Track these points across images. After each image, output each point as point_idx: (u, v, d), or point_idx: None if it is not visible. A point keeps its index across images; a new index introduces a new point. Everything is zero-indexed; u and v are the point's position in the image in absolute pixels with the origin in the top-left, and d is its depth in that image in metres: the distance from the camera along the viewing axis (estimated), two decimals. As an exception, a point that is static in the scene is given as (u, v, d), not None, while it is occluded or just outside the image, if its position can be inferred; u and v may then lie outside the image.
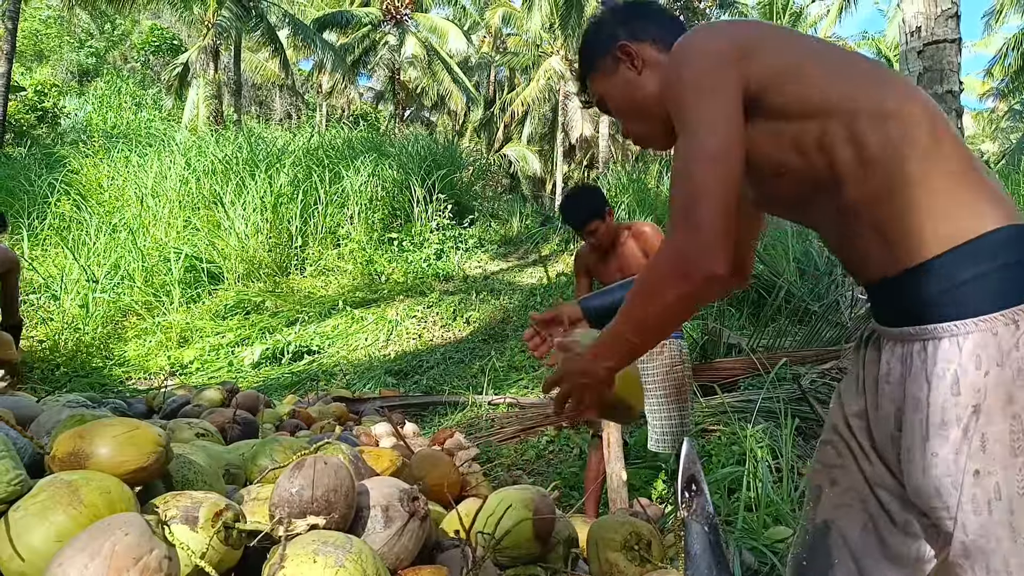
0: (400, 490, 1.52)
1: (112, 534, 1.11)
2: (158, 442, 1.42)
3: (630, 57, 1.26)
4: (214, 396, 3.63)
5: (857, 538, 1.08)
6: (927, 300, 0.94)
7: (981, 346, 0.89)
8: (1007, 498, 0.89)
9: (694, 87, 1.03)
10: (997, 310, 0.89)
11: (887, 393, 1.01)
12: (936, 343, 0.93)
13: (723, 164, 0.99)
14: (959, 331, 0.90)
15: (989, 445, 0.89)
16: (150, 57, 28.77)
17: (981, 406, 0.89)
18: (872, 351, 1.07)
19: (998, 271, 0.90)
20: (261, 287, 10.04)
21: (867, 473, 1.08)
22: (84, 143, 12.56)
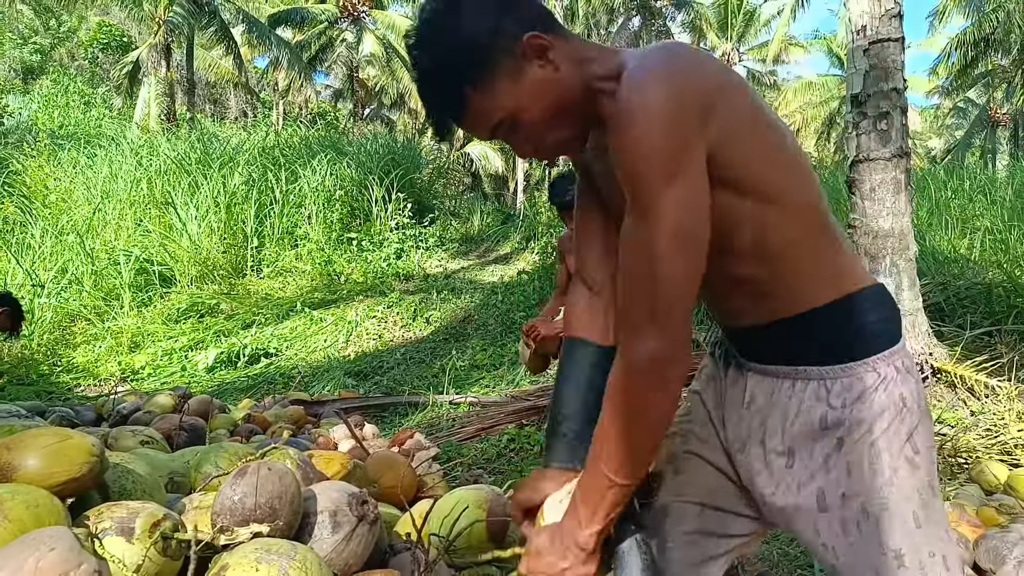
0: (349, 494, 1.49)
1: (36, 549, 1.06)
2: (91, 452, 1.37)
3: (544, 51, 0.99)
4: (166, 402, 3.55)
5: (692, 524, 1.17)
6: (800, 347, 1.03)
7: (847, 389, 1.00)
8: (873, 517, 0.99)
9: (661, 161, 0.88)
10: (860, 359, 1.00)
11: (746, 419, 1.10)
12: (805, 383, 1.03)
13: (692, 251, 0.91)
14: (827, 375, 1.01)
15: (853, 470, 0.99)
16: (99, 54, 27.92)
17: (845, 438, 1.00)
18: (734, 373, 1.14)
19: (861, 327, 1.02)
20: (215, 289, 9.82)
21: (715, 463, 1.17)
22: (29, 143, 12.12)
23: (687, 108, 0.90)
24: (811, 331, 1.03)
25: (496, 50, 0.98)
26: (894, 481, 0.99)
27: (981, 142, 25.71)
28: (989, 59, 22.40)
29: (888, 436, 0.99)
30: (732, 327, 1.13)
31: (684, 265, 0.90)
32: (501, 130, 1.04)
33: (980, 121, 25.80)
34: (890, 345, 1.02)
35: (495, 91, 0.99)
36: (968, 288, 5.25)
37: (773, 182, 0.99)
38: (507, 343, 7.69)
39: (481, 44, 0.97)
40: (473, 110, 1.01)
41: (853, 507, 0.99)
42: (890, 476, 0.99)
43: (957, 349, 4.33)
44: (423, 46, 1.01)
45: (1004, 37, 20.76)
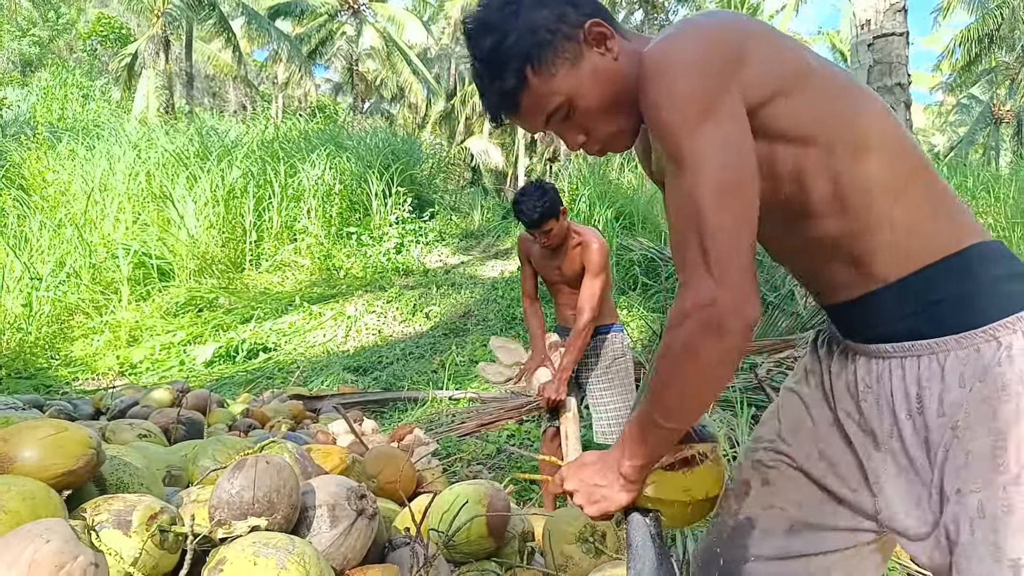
0: (348, 488, 1.48)
1: (32, 541, 1.05)
2: (88, 444, 1.36)
3: (604, 39, 1.00)
4: (164, 396, 3.53)
5: (780, 540, 1.08)
6: (903, 317, 0.93)
7: (963, 363, 0.88)
8: (990, 517, 0.86)
9: (695, 108, 0.86)
10: (977, 327, 0.88)
11: (864, 410, 0.99)
12: (915, 360, 0.92)
13: (739, 198, 0.86)
14: (938, 348, 0.90)
15: (972, 463, 0.87)
16: (97, 47, 27.85)
17: (963, 423, 0.88)
18: (839, 363, 1.05)
19: (975, 288, 0.90)
20: (214, 283, 9.80)
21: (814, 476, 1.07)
22: (27, 136, 12.08)
23: (711, 56, 0.88)
24: (919, 296, 0.92)
25: (559, 34, 0.98)
26: (1021, 479, 0.85)
27: (984, 139, 25.69)
28: (993, 55, 22.38)
29: (1018, 422, 0.85)
30: (832, 304, 1.04)
31: (732, 210, 0.85)
32: (556, 118, 1.02)
33: (983, 118, 25.77)
34: (1015, 310, 0.87)
35: (556, 75, 0.98)
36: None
37: (838, 126, 0.92)
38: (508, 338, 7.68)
39: (545, 27, 0.97)
40: (532, 93, 1.00)
41: (970, 504, 0.87)
42: (1016, 473, 0.85)
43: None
44: (486, 28, 1.00)
45: (1008, 33, 20.73)
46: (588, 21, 0.99)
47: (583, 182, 12.62)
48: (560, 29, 0.98)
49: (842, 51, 29.59)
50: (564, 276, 2.99)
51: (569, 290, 3.02)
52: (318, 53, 25.18)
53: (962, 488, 0.88)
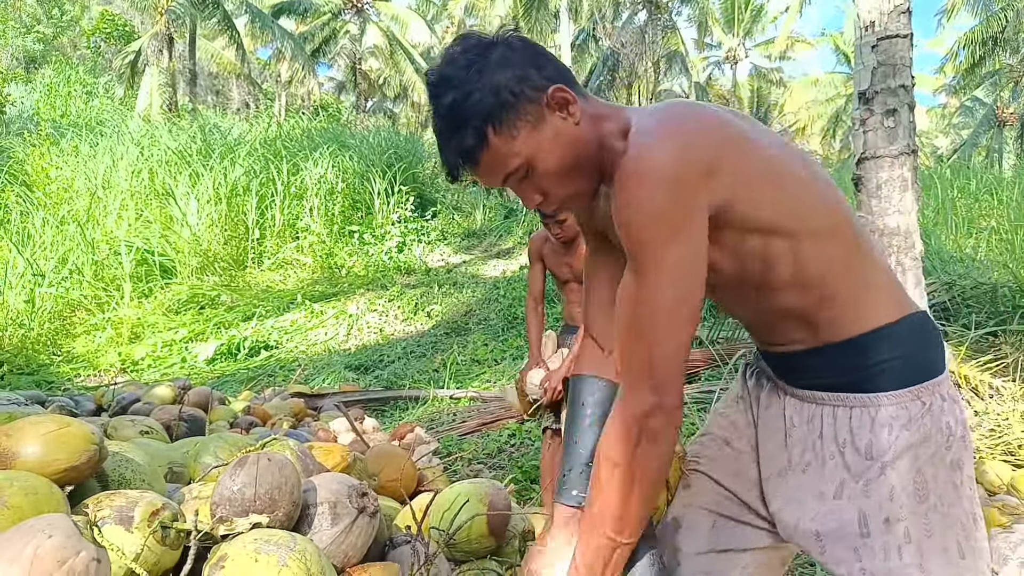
0: (349, 486, 1.48)
1: (35, 537, 1.05)
2: (90, 440, 1.36)
3: (566, 104, 1.02)
4: (165, 393, 3.53)
5: (704, 536, 1.17)
6: (844, 372, 1.03)
7: (892, 417, 1.00)
8: (916, 541, 0.98)
9: (664, 224, 0.91)
10: (905, 387, 1.00)
11: (784, 444, 1.10)
12: (848, 410, 1.03)
13: (687, 309, 0.94)
14: (871, 403, 1.01)
15: (896, 495, 0.99)
16: (101, 44, 27.87)
17: (889, 464, 0.99)
18: (768, 397, 1.15)
19: (906, 354, 1.02)
20: (216, 281, 9.82)
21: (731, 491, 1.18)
22: (30, 132, 12.10)
23: (689, 171, 0.93)
24: (857, 357, 1.02)
25: (522, 96, 1.00)
26: (939, 508, 0.99)
27: (988, 141, 25.63)
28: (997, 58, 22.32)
29: (934, 463, 1.00)
30: (774, 352, 1.13)
31: (683, 324, 0.94)
32: (514, 178, 1.05)
33: (987, 120, 25.71)
34: (935, 374, 1.03)
35: (516, 136, 1.00)
36: (973, 288, 5.23)
37: (802, 217, 1.01)
38: (508, 338, 7.68)
39: (509, 88, 0.99)
40: (492, 153, 1.01)
41: (897, 532, 0.99)
42: (935, 502, 0.99)
43: (962, 349, 4.31)
44: (449, 84, 1.01)
45: (1013, 36, 20.69)
46: (551, 86, 1.01)
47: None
48: (523, 92, 1.00)
49: (846, 53, 29.57)
50: (575, 272, 3.02)
51: (579, 286, 3.05)
52: (321, 51, 25.18)
53: (890, 518, 0.99)
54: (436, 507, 1.74)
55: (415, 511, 1.65)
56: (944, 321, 4.85)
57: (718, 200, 0.95)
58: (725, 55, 30.63)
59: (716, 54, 32.39)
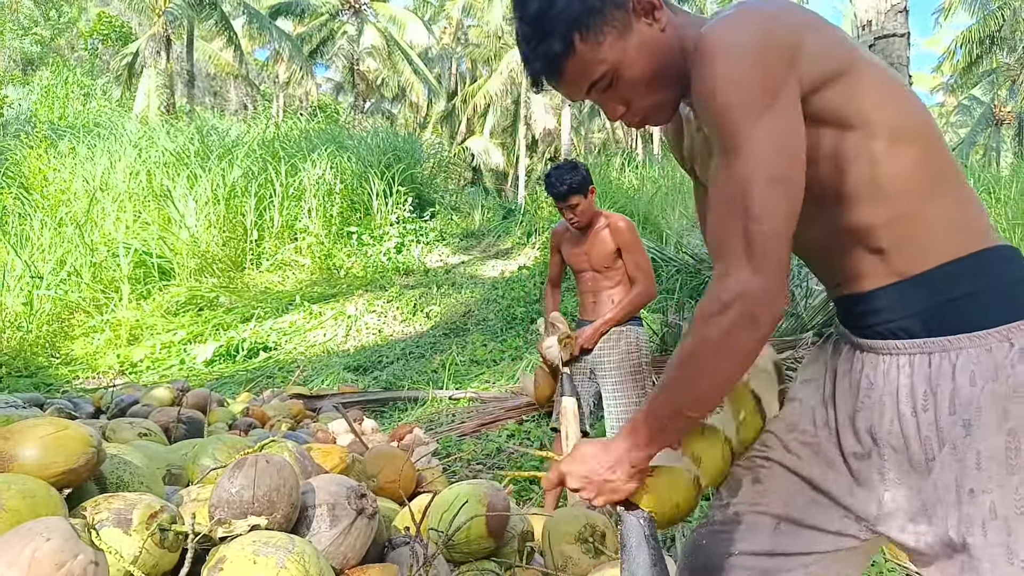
0: (348, 488, 1.48)
1: (33, 539, 1.05)
2: (88, 443, 1.36)
3: (652, 9, 0.99)
4: (164, 395, 3.54)
5: (765, 539, 1.08)
6: (918, 313, 0.93)
7: (975, 362, 0.88)
8: (1002, 518, 0.86)
9: (755, 95, 0.86)
10: (991, 327, 0.88)
11: (864, 408, 0.99)
12: (926, 357, 0.91)
13: (786, 188, 0.87)
14: (951, 346, 0.89)
15: (984, 463, 0.87)
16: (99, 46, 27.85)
17: (975, 422, 0.87)
18: (845, 362, 1.04)
19: (991, 288, 0.90)
20: (215, 283, 9.81)
21: (806, 479, 1.07)
22: (28, 134, 12.08)
23: (773, 43, 0.88)
24: (935, 293, 0.92)
25: (608, 1, 0.97)
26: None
27: (985, 140, 25.67)
28: (994, 57, 22.37)
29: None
30: (848, 295, 1.03)
31: (780, 202, 0.86)
32: (599, 86, 1.01)
33: (984, 119, 25.75)
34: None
35: (603, 43, 0.97)
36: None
37: (880, 114, 0.92)
38: (507, 338, 7.68)
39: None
40: (578, 60, 0.98)
41: (982, 505, 0.87)
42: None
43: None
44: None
45: (1009, 35, 20.74)
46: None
47: (584, 182, 12.61)
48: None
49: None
50: (591, 260, 3.05)
51: (593, 275, 3.08)
52: (319, 52, 25.17)
53: (975, 488, 0.87)
54: (435, 508, 1.74)
55: (414, 512, 1.65)
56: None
57: (805, 83, 0.89)
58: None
59: (714, 54, 32.34)
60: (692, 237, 9.56)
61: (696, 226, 10.57)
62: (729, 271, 0.88)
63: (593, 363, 3.07)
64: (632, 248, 2.99)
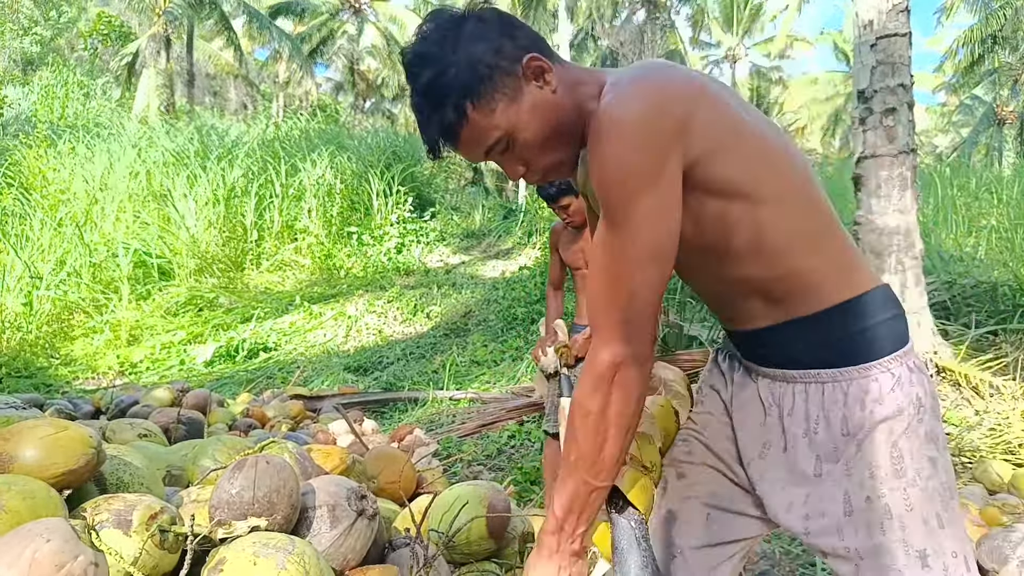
0: (348, 489, 1.47)
1: (32, 540, 1.04)
2: (89, 443, 1.35)
3: (542, 73, 1.02)
4: (164, 396, 3.53)
5: (700, 530, 1.17)
6: (811, 348, 1.03)
7: (864, 391, 1.00)
8: (897, 516, 0.99)
9: (636, 174, 0.91)
10: (875, 360, 1.00)
11: (765, 427, 1.09)
12: (819, 386, 1.03)
13: (660, 266, 0.94)
14: (842, 377, 1.01)
15: (876, 473, 0.99)
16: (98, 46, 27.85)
17: (865, 440, 1.00)
18: (742, 377, 1.15)
19: (873, 327, 1.02)
20: (214, 283, 9.80)
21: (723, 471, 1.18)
22: (27, 134, 12.08)
23: (661, 122, 0.93)
24: (825, 332, 1.02)
25: (498, 69, 1.00)
26: (917, 482, 0.99)
27: (987, 140, 25.65)
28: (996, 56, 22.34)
29: (908, 437, 1.00)
30: (741, 330, 1.12)
31: (655, 274, 0.94)
32: (496, 150, 1.05)
33: (986, 119, 25.72)
34: (901, 345, 1.02)
35: (495, 109, 1.00)
36: (973, 287, 5.23)
37: (764, 181, 0.99)
38: (508, 339, 7.68)
39: (484, 62, 0.99)
40: (472, 127, 1.01)
41: (878, 509, 0.99)
42: (913, 476, 0.99)
43: (962, 348, 4.31)
44: (424, 61, 1.01)
45: (1012, 34, 20.72)
46: (526, 56, 1.01)
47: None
48: (499, 64, 1.00)
49: (845, 51, 29.60)
50: (587, 256, 3.04)
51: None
52: (319, 52, 25.17)
53: (871, 495, 1.00)
54: (435, 509, 1.73)
55: (414, 513, 1.64)
56: (944, 320, 4.85)
57: (687, 157, 0.95)
58: (724, 54, 30.65)
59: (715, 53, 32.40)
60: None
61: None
62: (608, 340, 0.95)
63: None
64: None
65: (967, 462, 3.38)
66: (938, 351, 4.23)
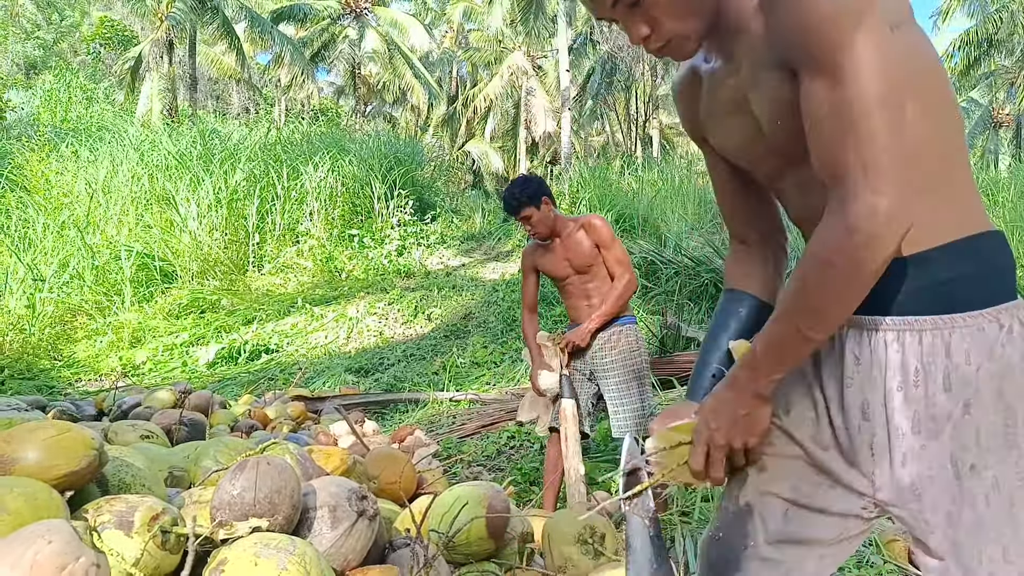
0: (348, 489, 1.49)
1: (34, 542, 1.05)
2: (91, 445, 1.36)
3: None
4: (166, 397, 3.55)
5: (777, 526, 1.06)
6: (912, 292, 0.92)
7: (969, 341, 0.89)
8: (1007, 490, 0.88)
9: (849, 13, 0.81)
10: (983, 307, 0.89)
11: (855, 383, 0.97)
12: (917, 335, 0.91)
13: (895, 111, 0.82)
14: (944, 325, 0.90)
15: (983, 439, 0.88)
16: (101, 50, 27.91)
17: (973, 400, 0.88)
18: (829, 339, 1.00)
19: (984, 272, 0.91)
20: (217, 285, 9.83)
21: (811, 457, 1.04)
22: (30, 137, 12.12)
23: None
24: (927, 274, 0.91)
25: None
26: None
27: (983, 143, 25.66)
28: (992, 59, 22.37)
29: (1022, 398, 0.88)
30: None
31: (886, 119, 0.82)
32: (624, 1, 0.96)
33: (983, 122, 25.74)
34: (1012, 298, 0.91)
35: None
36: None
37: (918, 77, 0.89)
38: (507, 340, 7.69)
39: None
40: None
41: (985, 479, 0.89)
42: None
43: (959, 349, 4.32)
44: None
45: (1007, 37, 20.74)
46: None
47: (583, 185, 12.65)
48: None
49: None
50: (573, 263, 3.05)
51: (578, 278, 3.08)
52: (321, 56, 25.21)
53: (976, 464, 0.89)
54: (435, 510, 1.74)
55: (415, 514, 1.66)
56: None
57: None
58: (724, 57, 30.56)
59: (715, 56, 32.35)
60: (691, 240, 9.57)
61: (695, 228, 10.59)
62: (850, 196, 0.83)
63: (592, 364, 3.07)
64: (609, 243, 3.01)
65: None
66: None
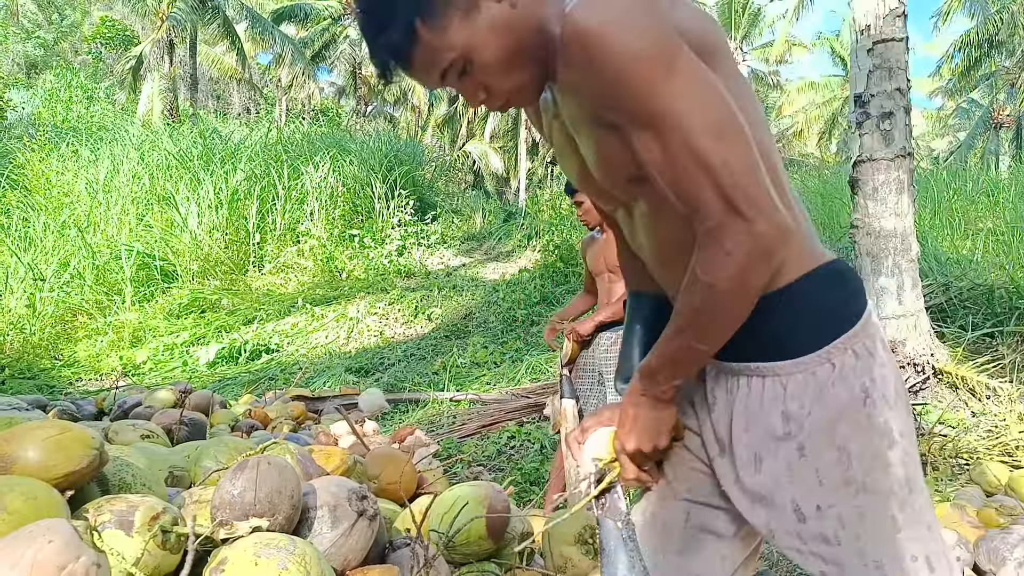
0: (349, 489, 1.49)
1: (34, 541, 1.06)
2: (91, 444, 1.37)
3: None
4: (166, 397, 3.55)
5: (680, 530, 1.09)
6: (749, 336, 0.92)
7: (802, 386, 0.91)
8: (849, 525, 0.92)
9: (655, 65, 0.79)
10: (813, 350, 0.91)
11: (713, 419, 1.01)
12: (760, 380, 0.94)
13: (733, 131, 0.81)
14: (782, 371, 0.92)
15: (823, 479, 0.92)
16: (102, 50, 27.91)
17: (807, 444, 0.92)
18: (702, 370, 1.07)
19: (814, 309, 0.93)
20: (217, 285, 9.83)
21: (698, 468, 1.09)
22: (31, 137, 12.13)
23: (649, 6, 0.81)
24: (762, 319, 0.91)
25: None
26: (867, 486, 0.91)
27: (984, 143, 25.65)
28: (993, 60, 22.36)
29: (855, 435, 0.91)
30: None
31: (731, 143, 0.81)
32: (451, 74, 0.93)
33: (983, 122, 25.73)
34: (847, 327, 0.92)
35: (447, 27, 0.88)
36: (970, 289, 5.24)
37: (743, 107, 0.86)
38: (508, 340, 7.69)
39: None
40: (423, 49, 0.89)
41: (830, 517, 0.92)
42: (863, 481, 0.91)
43: (959, 350, 4.32)
44: None
45: (1008, 38, 20.73)
46: None
47: (585, 185, 12.61)
48: None
49: (842, 56, 29.58)
50: (606, 260, 3.05)
51: (609, 276, 3.09)
52: (321, 56, 25.23)
53: (821, 504, 0.92)
54: (435, 510, 1.75)
55: (415, 514, 1.66)
56: (941, 323, 4.86)
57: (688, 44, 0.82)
58: (724, 58, 30.52)
59: (715, 57, 32.32)
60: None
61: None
62: (721, 227, 0.82)
63: (601, 366, 3.07)
64: None
65: (964, 464, 3.39)
66: (935, 353, 4.24)
